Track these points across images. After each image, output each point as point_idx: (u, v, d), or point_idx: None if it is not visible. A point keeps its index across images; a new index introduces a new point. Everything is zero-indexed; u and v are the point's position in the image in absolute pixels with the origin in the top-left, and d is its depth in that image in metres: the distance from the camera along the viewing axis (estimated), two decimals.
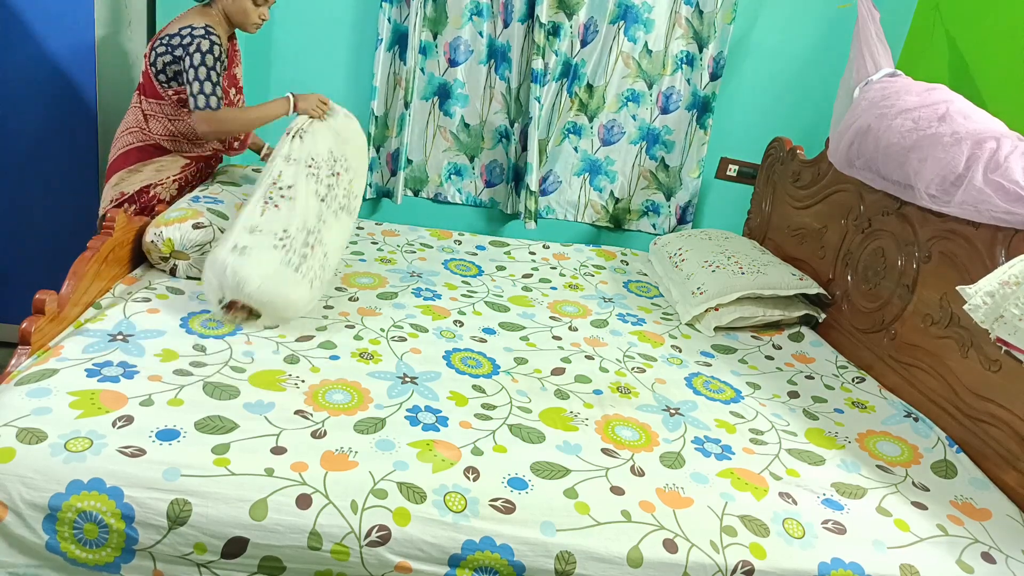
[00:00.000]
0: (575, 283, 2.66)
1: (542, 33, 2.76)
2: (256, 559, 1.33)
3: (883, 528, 1.54)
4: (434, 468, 1.48)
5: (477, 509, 1.40)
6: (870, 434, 1.90)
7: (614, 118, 3.01)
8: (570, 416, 1.76)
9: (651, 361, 2.14)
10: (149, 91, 2.17)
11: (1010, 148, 1.80)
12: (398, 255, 2.63)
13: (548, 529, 1.40)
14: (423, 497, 1.40)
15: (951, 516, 1.61)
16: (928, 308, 2.07)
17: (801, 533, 1.49)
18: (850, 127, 2.29)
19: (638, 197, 3.14)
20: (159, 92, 2.15)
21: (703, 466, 1.65)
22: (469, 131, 2.95)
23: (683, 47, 2.93)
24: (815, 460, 1.75)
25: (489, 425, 1.67)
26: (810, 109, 3.05)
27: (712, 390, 2.02)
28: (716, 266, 2.54)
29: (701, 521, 1.48)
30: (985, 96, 2.37)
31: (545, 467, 1.55)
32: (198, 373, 1.66)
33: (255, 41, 2.75)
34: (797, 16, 2.94)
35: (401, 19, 2.75)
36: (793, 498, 1.58)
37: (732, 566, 1.40)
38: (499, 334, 2.15)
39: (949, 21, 2.64)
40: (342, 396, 1.68)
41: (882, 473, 1.74)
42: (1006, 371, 1.77)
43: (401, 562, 1.34)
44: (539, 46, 2.77)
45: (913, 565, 1.46)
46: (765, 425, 1.88)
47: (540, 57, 2.79)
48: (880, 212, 2.33)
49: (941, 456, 1.82)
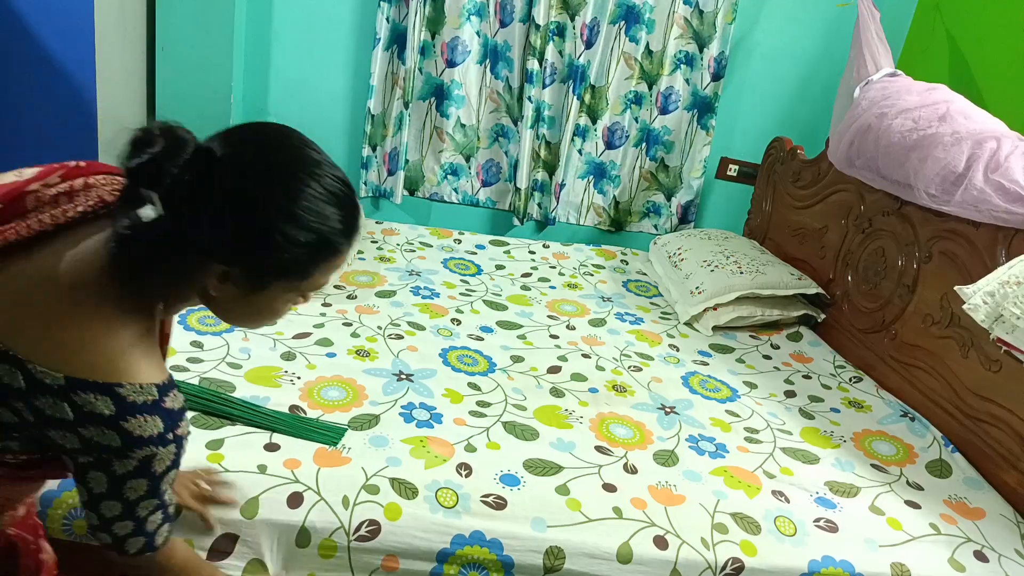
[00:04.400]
0: (574, 282, 2.66)
1: (538, 34, 2.77)
2: (245, 559, 1.32)
3: (876, 527, 1.54)
4: (427, 464, 1.48)
5: (468, 505, 1.41)
6: (866, 433, 1.90)
7: (618, 120, 3.01)
8: (565, 414, 1.77)
9: (648, 360, 2.14)
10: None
11: (1010, 148, 1.79)
12: (397, 253, 2.64)
13: (539, 525, 1.40)
14: (415, 493, 1.41)
15: (944, 515, 1.61)
16: (928, 308, 2.06)
17: (793, 531, 1.49)
18: (850, 127, 2.29)
19: (639, 199, 3.14)
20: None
21: (696, 464, 1.65)
22: (465, 131, 2.96)
23: (682, 47, 2.93)
24: (810, 459, 1.75)
25: (483, 422, 1.67)
26: (810, 109, 3.05)
27: (708, 389, 2.02)
28: (715, 266, 2.54)
29: (692, 518, 1.48)
30: (985, 96, 2.37)
31: (538, 464, 1.55)
32: (194, 369, 1.67)
33: (255, 40, 2.77)
34: (797, 16, 2.94)
35: (400, 19, 2.76)
36: (786, 496, 1.58)
37: (722, 563, 1.41)
38: (496, 332, 2.16)
39: (949, 21, 2.63)
40: (337, 393, 1.69)
41: (876, 472, 1.74)
42: (1006, 371, 1.76)
43: (388, 558, 1.35)
44: (534, 48, 2.78)
45: (904, 564, 1.46)
46: (761, 424, 1.88)
47: (534, 58, 2.79)
48: (880, 212, 2.33)
49: (936, 456, 1.82)
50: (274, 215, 0.82)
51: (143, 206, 0.80)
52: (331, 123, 2.93)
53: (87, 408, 0.79)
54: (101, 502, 0.86)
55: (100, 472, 0.83)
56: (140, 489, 0.86)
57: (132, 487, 0.85)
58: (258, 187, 0.82)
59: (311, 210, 0.83)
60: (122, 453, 0.82)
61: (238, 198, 0.81)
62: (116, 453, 0.82)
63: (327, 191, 0.84)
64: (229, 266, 0.84)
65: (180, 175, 0.79)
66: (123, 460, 0.83)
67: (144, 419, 0.81)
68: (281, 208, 0.82)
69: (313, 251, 0.86)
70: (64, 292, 0.81)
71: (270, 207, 0.82)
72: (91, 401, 0.79)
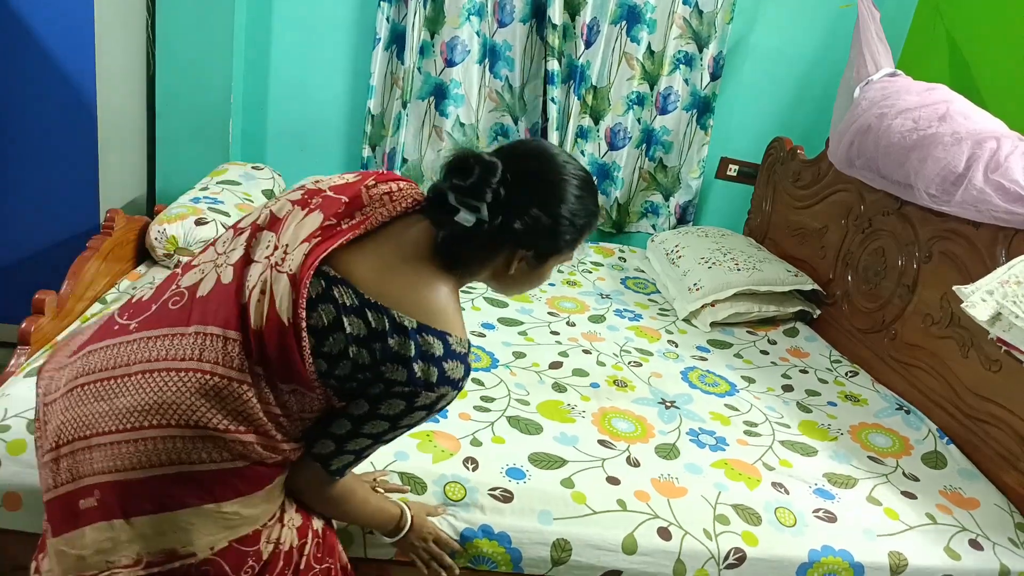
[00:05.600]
0: (573, 279, 2.69)
1: (555, 34, 2.78)
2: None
3: (873, 517, 1.57)
4: (434, 459, 1.51)
5: (476, 498, 1.44)
6: (862, 426, 1.93)
7: (620, 121, 3.03)
8: (567, 408, 1.80)
9: (647, 355, 2.17)
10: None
11: (1010, 148, 1.80)
12: None
13: (545, 518, 1.43)
14: (424, 487, 1.44)
15: (940, 505, 1.64)
16: (928, 308, 2.07)
17: (793, 521, 1.52)
18: (850, 127, 2.30)
19: (637, 199, 3.16)
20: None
21: (697, 457, 1.68)
22: (464, 130, 2.98)
23: (682, 47, 2.95)
24: (808, 451, 1.78)
25: (488, 417, 1.70)
26: (810, 109, 3.06)
27: (707, 384, 2.05)
28: (712, 262, 2.57)
29: (695, 510, 1.51)
30: (985, 96, 2.37)
31: (543, 458, 1.58)
32: None
33: (255, 40, 2.78)
34: (797, 16, 2.95)
35: (399, 19, 2.77)
36: (785, 488, 1.62)
37: (724, 553, 1.44)
38: (498, 329, 2.18)
39: (949, 21, 2.64)
40: None
41: (873, 464, 1.77)
42: (1006, 371, 1.78)
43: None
44: (553, 48, 2.79)
45: (901, 552, 1.49)
46: (759, 417, 1.91)
47: (553, 58, 2.81)
48: (880, 212, 2.34)
49: (932, 447, 1.86)
50: (561, 210, 1.10)
51: (457, 213, 1.04)
52: (331, 123, 2.94)
53: (425, 347, 1.03)
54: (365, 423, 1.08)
55: (400, 400, 1.05)
56: (411, 421, 1.10)
57: (409, 420, 1.09)
58: (548, 191, 1.10)
59: (581, 199, 1.12)
60: (430, 387, 1.04)
61: (539, 200, 1.09)
62: (425, 386, 1.04)
63: (583, 182, 1.13)
64: (528, 250, 1.12)
65: (497, 190, 1.05)
66: (426, 393, 1.05)
67: (456, 364, 1.06)
68: (565, 203, 1.10)
69: (584, 229, 1.15)
70: (411, 264, 1.08)
71: (559, 205, 1.10)
72: (430, 342, 1.03)
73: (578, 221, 1.13)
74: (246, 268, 1.06)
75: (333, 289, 1.04)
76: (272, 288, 1.03)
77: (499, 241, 1.10)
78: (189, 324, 1.04)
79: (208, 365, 1.01)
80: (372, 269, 1.07)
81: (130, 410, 1.01)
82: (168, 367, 1.02)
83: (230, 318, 1.03)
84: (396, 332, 1.02)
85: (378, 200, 1.13)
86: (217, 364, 1.01)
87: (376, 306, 1.03)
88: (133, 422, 1.00)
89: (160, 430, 1.00)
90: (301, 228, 1.08)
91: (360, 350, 1.03)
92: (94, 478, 1.01)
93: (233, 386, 1.01)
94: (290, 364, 1.02)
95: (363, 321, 1.03)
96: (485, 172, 1.05)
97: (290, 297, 1.02)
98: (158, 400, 1.00)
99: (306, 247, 1.05)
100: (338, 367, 1.04)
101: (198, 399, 1.00)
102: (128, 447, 1.00)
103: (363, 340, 1.03)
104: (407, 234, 1.11)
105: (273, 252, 1.07)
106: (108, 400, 1.02)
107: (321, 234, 1.07)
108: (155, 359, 1.03)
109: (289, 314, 1.01)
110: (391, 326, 1.02)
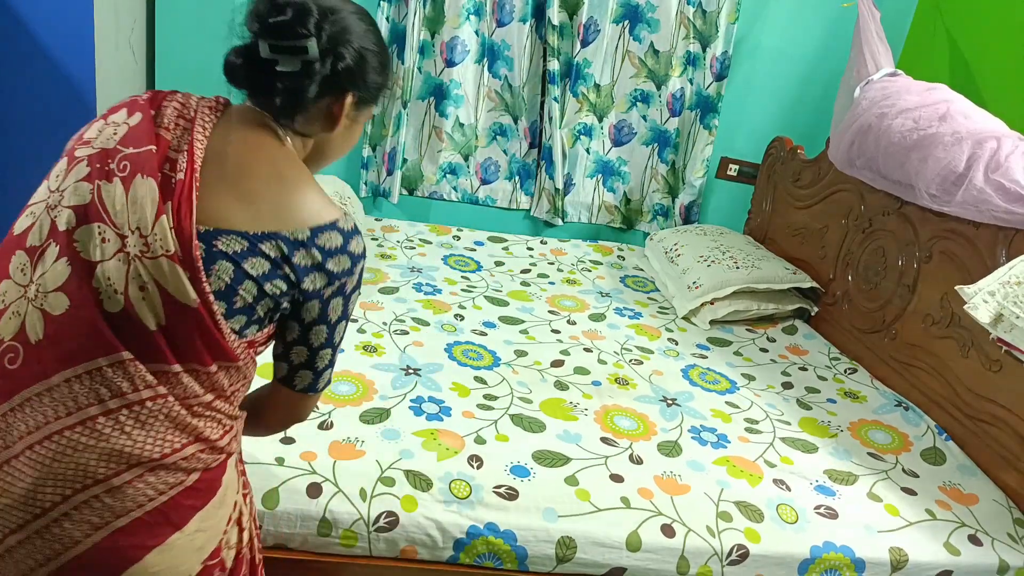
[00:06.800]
0: (573, 278, 2.70)
1: (554, 34, 2.79)
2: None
3: (874, 513, 1.59)
4: (439, 456, 1.52)
5: (481, 496, 1.45)
6: (862, 423, 1.95)
7: (624, 118, 3.04)
8: (570, 406, 1.81)
9: (648, 353, 2.18)
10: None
11: (1011, 148, 1.81)
12: (398, 251, 2.67)
13: (550, 515, 1.44)
14: (429, 485, 1.45)
15: (939, 501, 1.66)
16: (929, 308, 2.08)
17: (794, 518, 1.54)
18: (851, 127, 2.30)
19: (649, 199, 3.16)
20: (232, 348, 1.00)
21: (699, 454, 1.70)
22: (464, 130, 2.99)
23: (687, 47, 2.96)
24: (808, 448, 1.79)
25: (491, 415, 1.71)
26: (810, 109, 3.06)
27: (708, 381, 2.06)
28: (711, 261, 2.58)
29: (698, 507, 1.52)
30: (985, 96, 2.37)
31: (546, 455, 1.59)
32: None
33: None
34: (798, 16, 2.95)
35: (399, 18, 2.78)
36: (787, 484, 1.63)
37: (727, 550, 1.45)
38: (499, 327, 2.20)
39: (949, 21, 2.64)
40: (347, 387, 1.72)
41: (873, 460, 1.79)
42: (1006, 371, 1.79)
43: (407, 547, 1.39)
44: (553, 48, 2.81)
45: (902, 548, 1.51)
46: (760, 415, 1.92)
47: (554, 58, 2.82)
48: (881, 212, 2.35)
49: (931, 444, 1.87)
50: (375, 44, 1.05)
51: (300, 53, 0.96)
52: None
53: (327, 245, 0.98)
54: (336, 328, 1.06)
55: (338, 298, 1.03)
56: (353, 305, 1.07)
57: (352, 305, 1.06)
58: (370, 26, 1.05)
59: (379, 34, 1.09)
60: (350, 272, 1.02)
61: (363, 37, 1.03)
62: (347, 274, 1.01)
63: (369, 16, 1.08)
64: (358, 91, 1.04)
65: (320, 23, 0.97)
66: (350, 277, 1.02)
67: (357, 240, 1.02)
68: (381, 43, 1.07)
69: (388, 77, 1.11)
70: (264, 172, 0.99)
71: (378, 41, 1.06)
72: (329, 238, 0.98)
73: (389, 65, 1.10)
74: (89, 280, 0.90)
75: (215, 244, 0.93)
76: (155, 278, 0.90)
77: (324, 88, 1.00)
78: (50, 377, 0.90)
79: (112, 402, 0.90)
80: (236, 201, 0.96)
81: (31, 491, 0.89)
82: (53, 430, 0.89)
83: (105, 343, 0.90)
84: (296, 248, 0.96)
85: (180, 128, 0.99)
86: (116, 397, 0.90)
87: (264, 236, 0.95)
88: (40, 504, 0.89)
89: (82, 494, 0.90)
90: (137, 203, 0.92)
91: (273, 283, 0.96)
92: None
93: (149, 405, 0.91)
94: (210, 341, 0.94)
95: (261, 257, 0.95)
96: (300, 6, 0.96)
97: (184, 275, 0.90)
98: (60, 468, 0.89)
99: (165, 220, 0.91)
100: (256, 311, 0.97)
101: (112, 441, 0.90)
102: (55, 529, 0.89)
103: (270, 274, 0.95)
104: (237, 145, 0.99)
105: (123, 243, 0.91)
106: (7, 493, 0.89)
107: (164, 197, 0.93)
108: (34, 428, 0.89)
109: (192, 293, 0.91)
110: (289, 247, 0.96)
